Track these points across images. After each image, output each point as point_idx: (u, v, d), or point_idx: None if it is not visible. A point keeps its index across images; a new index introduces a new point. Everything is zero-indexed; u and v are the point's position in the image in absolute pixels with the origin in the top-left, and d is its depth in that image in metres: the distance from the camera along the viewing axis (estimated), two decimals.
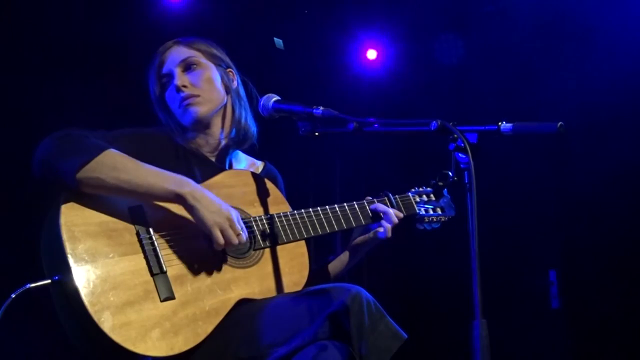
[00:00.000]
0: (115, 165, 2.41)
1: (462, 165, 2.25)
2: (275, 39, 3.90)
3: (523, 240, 4.91)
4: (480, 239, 2.12)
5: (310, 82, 4.79)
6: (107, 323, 2.27)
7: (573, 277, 4.90)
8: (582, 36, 4.56)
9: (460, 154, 2.26)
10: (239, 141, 2.89)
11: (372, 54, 5.05)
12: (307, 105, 2.77)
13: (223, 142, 2.85)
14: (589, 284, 4.80)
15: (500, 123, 2.29)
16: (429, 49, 4.90)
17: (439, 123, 2.32)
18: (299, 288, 2.66)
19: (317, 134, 2.71)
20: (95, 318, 2.26)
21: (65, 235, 2.31)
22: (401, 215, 2.97)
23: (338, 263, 2.99)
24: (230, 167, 2.90)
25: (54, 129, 2.47)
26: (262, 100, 2.74)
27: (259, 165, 3.02)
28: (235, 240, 2.48)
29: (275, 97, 2.74)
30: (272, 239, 2.65)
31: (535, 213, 4.90)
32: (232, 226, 2.48)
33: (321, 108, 2.65)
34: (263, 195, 2.74)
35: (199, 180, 2.63)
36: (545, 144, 4.55)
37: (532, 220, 4.90)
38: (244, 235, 2.51)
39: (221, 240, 2.46)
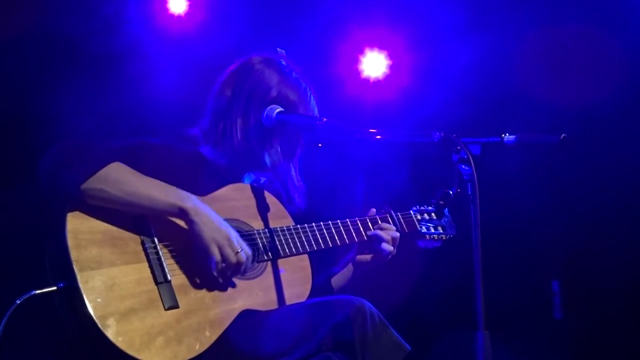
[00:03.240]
0: (120, 178, 2.42)
1: (465, 177, 2.26)
2: (277, 49, 3.90)
3: (526, 251, 4.90)
4: (483, 249, 2.12)
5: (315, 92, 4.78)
6: (111, 330, 2.28)
7: (576, 288, 4.89)
8: (583, 44, 4.57)
9: (463, 166, 2.26)
10: None
11: (373, 67, 4.98)
12: (310, 116, 2.78)
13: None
14: (592, 294, 4.78)
15: (503, 135, 2.30)
16: (435, 59, 4.89)
17: (441, 135, 2.33)
18: (302, 300, 2.66)
19: (320, 145, 2.72)
20: (100, 325, 2.28)
21: (70, 243, 2.33)
22: (397, 235, 2.95)
23: (341, 277, 2.99)
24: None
25: (59, 135, 2.49)
26: (266, 111, 2.74)
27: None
28: (233, 259, 2.47)
29: (279, 109, 2.75)
30: (274, 252, 2.65)
31: (538, 224, 4.89)
32: (230, 245, 2.47)
33: (324, 119, 2.66)
34: (265, 208, 2.74)
35: (206, 191, 2.63)
36: (548, 155, 4.55)
37: (535, 231, 4.89)
38: (243, 255, 2.49)
39: (218, 257, 2.46)
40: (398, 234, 2.91)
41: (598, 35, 4.52)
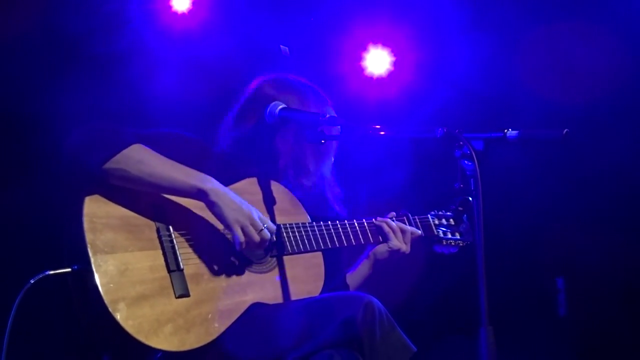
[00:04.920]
0: (141, 159, 2.45)
1: (467, 173, 2.25)
2: (281, 46, 3.92)
3: (530, 248, 4.90)
4: (486, 246, 2.12)
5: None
6: (121, 314, 2.32)
7: (580, 285, 4.88)
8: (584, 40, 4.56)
9: (466, 161, 2.26)
10: None
11: (377, 64, 4.94)
12: (313, 113, 2.78)
13: None
14: (596, 291, 4.78)
15: (506, 130, 2.30)
16: (438, 56, 4.88)
17: (444, 130, 2.33)
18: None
19: (323, 141, 2.73)
20: (111, 308, 2.31)
21: (86, 226, 2.37)
22: (418, 232, 2.97)
23: (358, 275, 3.00)
24: None
25: (61, 131, 2.51)
26: (269, 108, 2.75)
27: None
28: (257, 237, 2.50)
29: (282, 105, 2.76)
30: (287, 248, 2.66)
31: (542, 220, 4.89)
32: (253, 224, 2.49)
33: (327, 115, 2.66)
34: (282, 204, 2.76)
35: (224, 184, 2.63)
36: (552, 151, 4.54)
37: (539, 227, 4.88)
38: (267, 232, 2.52)
39: (242, 237, 2.48)
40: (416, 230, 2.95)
41: (600, 33, 4.52)
